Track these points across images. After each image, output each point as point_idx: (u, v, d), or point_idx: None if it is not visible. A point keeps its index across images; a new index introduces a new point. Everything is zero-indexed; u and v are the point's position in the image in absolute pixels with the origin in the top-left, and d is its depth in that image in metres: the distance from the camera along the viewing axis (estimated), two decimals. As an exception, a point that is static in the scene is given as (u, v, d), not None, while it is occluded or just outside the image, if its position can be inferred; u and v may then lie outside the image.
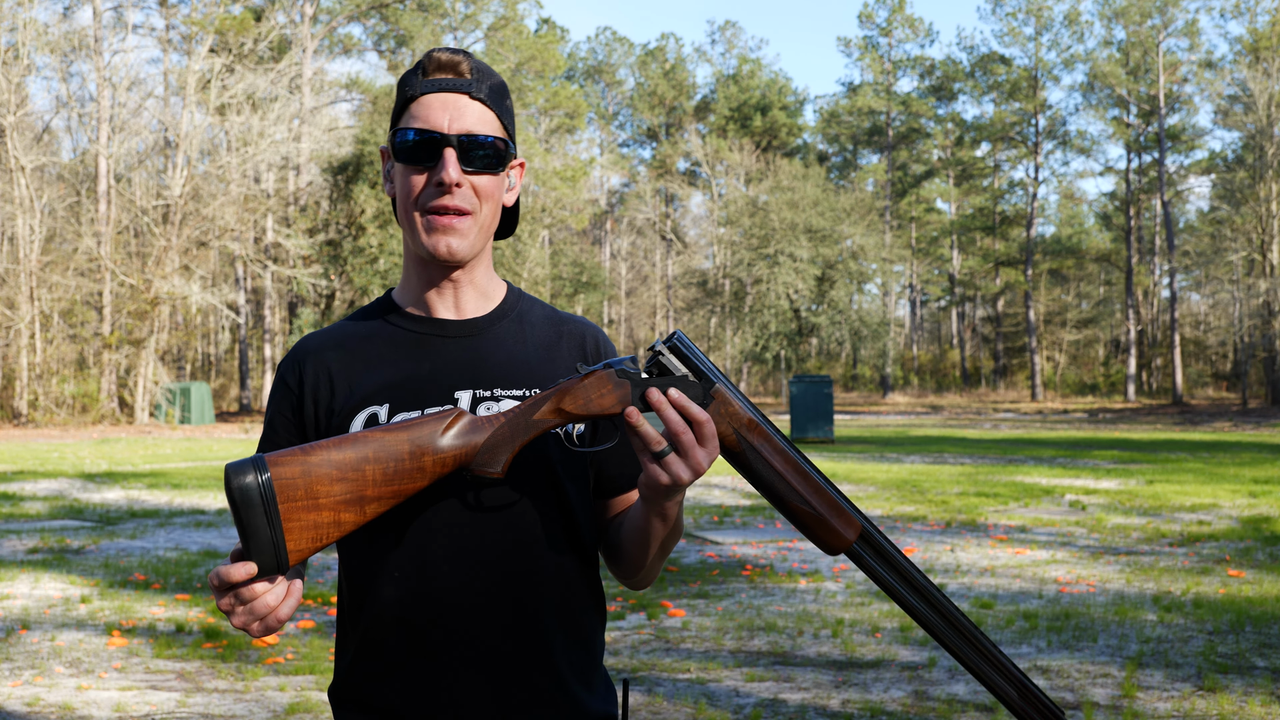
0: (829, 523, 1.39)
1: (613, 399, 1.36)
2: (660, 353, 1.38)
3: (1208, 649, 5.83)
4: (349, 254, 34.23)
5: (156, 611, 6.78)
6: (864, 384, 59.93)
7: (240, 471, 1.27)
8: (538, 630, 1.49)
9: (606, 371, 1.37)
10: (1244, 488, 13.87)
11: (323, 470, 1.29)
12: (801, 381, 23.80)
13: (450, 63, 1.50)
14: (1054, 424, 34.00)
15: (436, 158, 1.48)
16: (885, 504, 12.46)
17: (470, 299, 1.58)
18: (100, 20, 36.83)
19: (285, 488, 1.27)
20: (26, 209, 32.95)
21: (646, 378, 1.37)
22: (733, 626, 6.38)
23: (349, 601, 1.56)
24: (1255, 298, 43.03)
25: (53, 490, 14.00)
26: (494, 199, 1.53)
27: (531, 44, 52.45)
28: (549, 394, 1.38)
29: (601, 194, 63.05)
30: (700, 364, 1.38)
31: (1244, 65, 46.31)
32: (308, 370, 1.57)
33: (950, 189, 60.69)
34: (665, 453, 1.34)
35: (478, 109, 1.50)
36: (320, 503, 1.29)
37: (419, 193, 1.50)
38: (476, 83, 1.51)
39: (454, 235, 1.50)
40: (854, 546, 1.40)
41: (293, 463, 1.28)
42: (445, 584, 1.47)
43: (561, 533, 1.53)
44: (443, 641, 1.47)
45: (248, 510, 1.26)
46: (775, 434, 1.39)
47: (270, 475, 1.27)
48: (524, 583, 1.49)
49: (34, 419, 31.69)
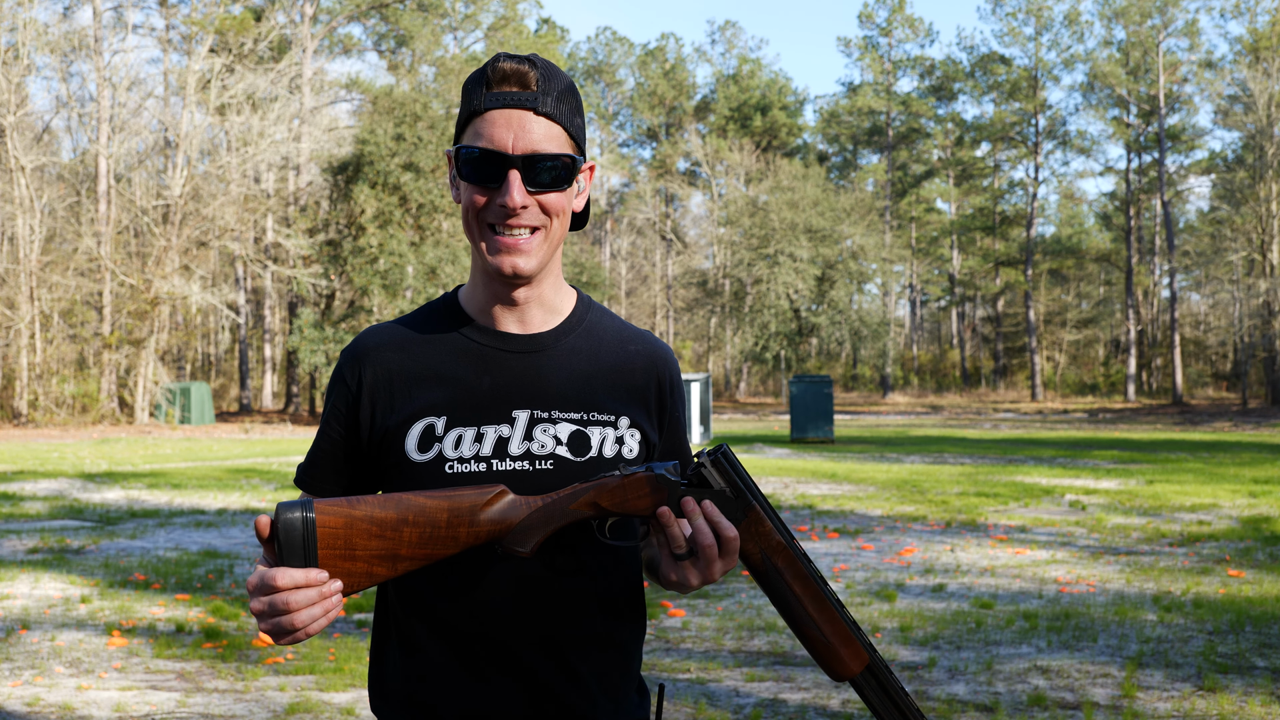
0: (838, 651, 1.44)
1: (648, 502, 1.40)
2: (703, 464, 1.41)
3: (1208, 649, 5.83)
4: (349, 254, 34.22)
5: (156, 611, 6.78)
6: (864, 384, 59.93)
7: (289, 509, 1.34)
8: (573, 650, 1.52)
9: (647, 475, 1.40)
10: (1244, 488, 13.87)
11: (364, 525, 1.36)
12: (801, 381, 23.80)
13: (516, 74, 1.45)
14: (1054, 424, 34.00)
15: (501, 179, 1.45)
16: (885, 504, 12.46)
17: (537, 313, 1.56)
18: (100, 20, 36.83)
19: (326, 535, 1.34)
20: (26, 209, 32.95)
21: (685, 486, 1.41)
22: (733, 626, 6.38)
23: (395, 601, 1.57)
24: (1255, 298, 43.03)
25: (53, 490, 14.00)
26: (562, 213, 1.50)
27: (531, 44, 52.43)
28: (587, 487, 1.42)
29: (601, 194, 63.04)
30: (741, 481, 1.41)
31: (1244, 65, 46.31)
32: (367, 371, 1.56)
33: (950, 189, 60.69)
34: (683, 557, 1.38)
35: (543, 126, 1.45)
36: (356, 554, 1.36)
37: (483, 210, 1.48)
38: (543, 95, 1.45)
39: (520, 255, 1.48)
40: (858, 677, 1.45)
41: (338, 514, 1.35)
42: (496, 599, 1.50)
43: (609, 554, 1.55)
44: (485, 655, 1.51)
45: (289, 549, 1.33)
46: (801, 558, 1.43)
47: (315, 519, 1.34)
48: (566, 603, 1.52)
49: (34, 419, 31.69)
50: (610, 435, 1.54)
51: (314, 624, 1.32)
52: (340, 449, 1.58)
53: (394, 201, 33.80)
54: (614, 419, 1.55)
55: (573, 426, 1.52)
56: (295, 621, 1.30)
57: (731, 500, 1.40)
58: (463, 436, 1.51)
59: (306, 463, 1.62)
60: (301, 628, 1.31)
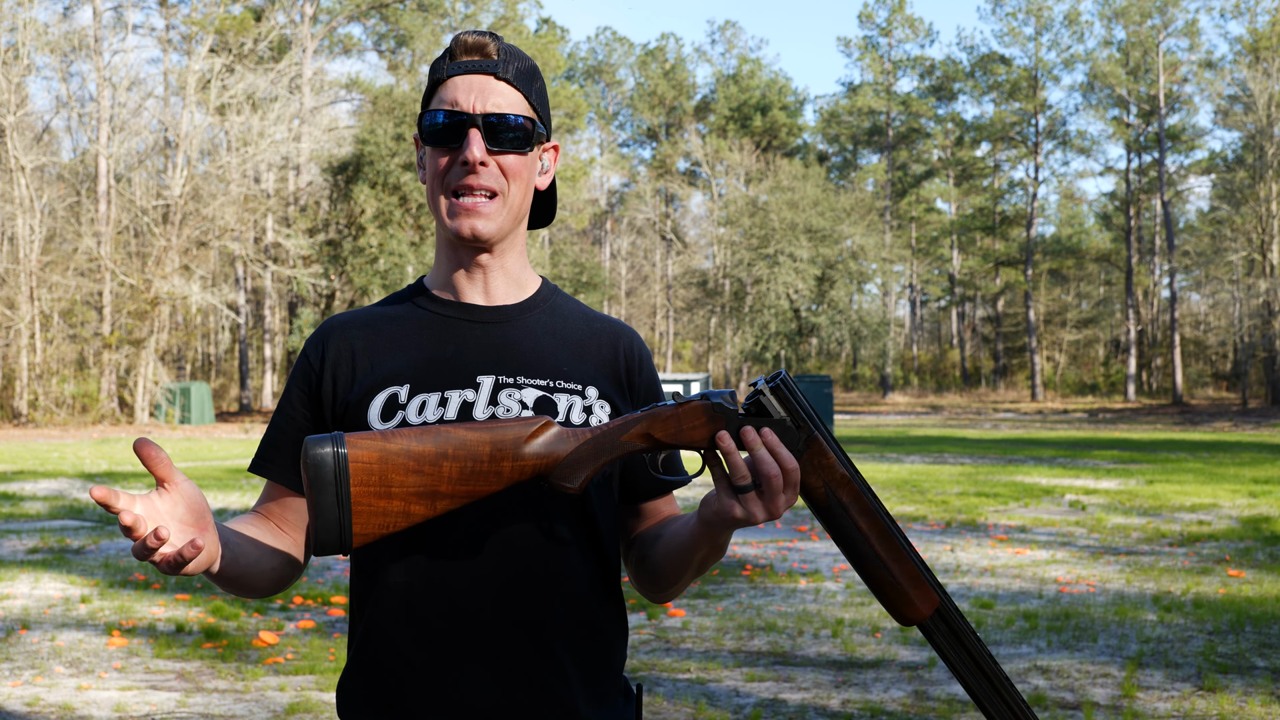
0: (907, 593, 1.35)
1: (705, 432, 1.32)
2: (761, 392, 1.33)
3: (1208, 649, 5.83)
4: (349, 254, 34.23)
5: (156, 611, 6.78)
6: (864, 384, 59.92)
7: (318, 444, 1.25)
8: (551, 633, 1.46)
9: (703, 403, 1.33)
10: (1244, 488, 13.87)
11: (400, 460, 1.27)
12: (801, 381, 23.81)
13: (477, 45, 1.50)
14: (1054, 424, 33.99)
15: (462, 138, 1.47)
16: (885, 504, 12.44)
17: (501, 285, 1.56)
18: (100, 20, 36.83)
19: (360, 471, 1.26)
20: (26, 209, 32.94)
21: (743, 415, 1.33)
22: (733, 626, 6.38)
23: (358, 586, 1.53)
24: (1255, 298, 43.02)
25: (53, 490, 14.00)
26: (522, 179, 1.51)
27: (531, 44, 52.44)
28: (639, 417, 1.34)
29: (601, 194, 63.04)
30: (802, 410, 1.34)
31: (1244, 65, 46.31)
32: (330, 347, 1.55)
33: (950, 189, 60.68)
34: (748, 489, 1.30)
35: (504, 89, 1.49)
36: (393, 491, 1.27)
37: (445, 173, 1.49)
38: (503, 63, 1.50)
39: (479, 218, 1.48)
40: (927, 621, 1.37)
41: (372, 447, 1.26)
42: (457, 576, 1.44)
43: (585, 537, 1.50)
44: (448, 634, 1.44)
45: (319, 486, 1.24)
46: (867, 493, 1.35)
47: (347, 453, 1.25)
48: (540, 583, 1.46)
49: (34, 419, 31.69)
50: (578, 403, 1.51)
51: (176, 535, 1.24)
52: (304, 430, 1.54)
53: (394, 201, 33.80)
54: (581, 388, 1.52)
55: (538, 393, 1.49)
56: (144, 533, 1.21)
57: (793, 430, 1.32)
58: (426, 402, 1.48)
59: (264, 446, 1.57)
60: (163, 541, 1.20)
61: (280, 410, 1.58)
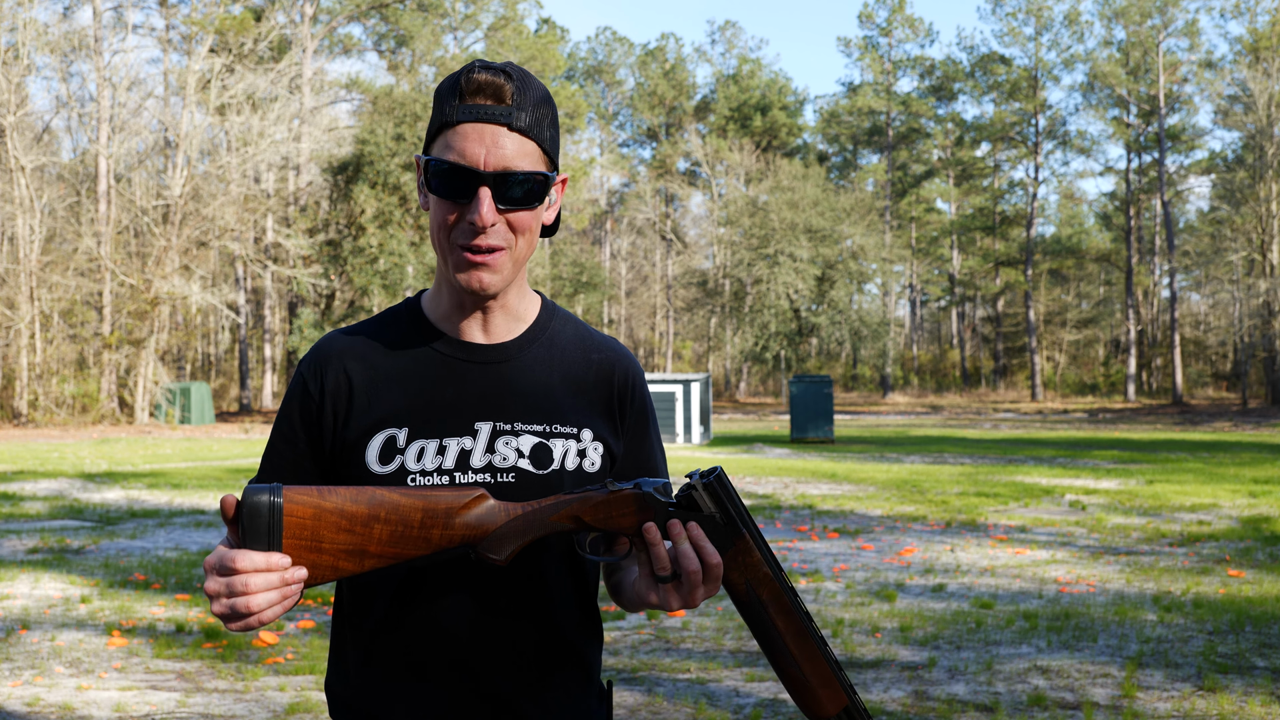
0: (815, 691, 1.38)
1: (633, 521, 1.36)
2: (694, 487, 1.36)
3: (1208, 649, 5.83)
4: (349, 254, 34.23)
5: (156, 611, 6.78)
6: (864, 384, 59.92)
7: (257, 494, 1.28)
8: (532, 666, 1.51)
9: (634, 493, 1.36)
10: (1244, 488, 13.87)
11: (333, 519, 1.31)
12: (801, 381, 23.80)
13: (490, 86, 1.41)
14: (1054, 424, 33.99)
15: (470, 195, 1.42)
16: (885, 504, 12.46)
17: (500, 322, 1.55)
18: (100, 20, 36.84)
19: (294, 525, 1.29)
20: (26, 209, 32.95)
21: (673, 509, 1.36)
22: (733, 626, 6.38)
23: (350, 609, 1.55)
24: (1255, 298, 43.03)
25: (53, 490, 14.00)
26: (530, 231, 1.47)
27: (531, 44, 52.43)
28: (570, 499, 1.37)
29: (601, 194, 63.05)
30: (732, 508, 1.36)
31: (1244, 65, 46.31)
32: (328, 378, 1.53)
33: (950, 189, 60.69)
34: (667, 579, 1.34)
35: (516, 142, 1.42)
36: (323, 547, 1.31)
37: (452, 226, 1.45)
38: (517, 110, 1.42)
39: (487, 272, 1.46)
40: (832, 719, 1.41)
41: (308, 503, 1.30)
42: (448, 611, 1.48)
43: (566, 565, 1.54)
44: (442, 668, 1.49)
45: (253, 535, 1.27)
46: (788, 592, 1.38)
47: (282, 506, 1.29)
48: (526, 618, 1.50)
49: (34, 419, 31.69)
50: (573, 448, 1.52)
51: (269, 610, 1.26)
52: (306, 459, 1.53)
53: (394, 201, 33.80)
54: (577, 431, 1.54)
55: (535, 439, 1.50)
56: (250, 605, 1.24)
57: (720, 527, 1.35)
58: (425, 449, 1.48)
59: (265, 467, 1.56)
60: (256, 613, 1.25)
61: (279, 432, 1.56)
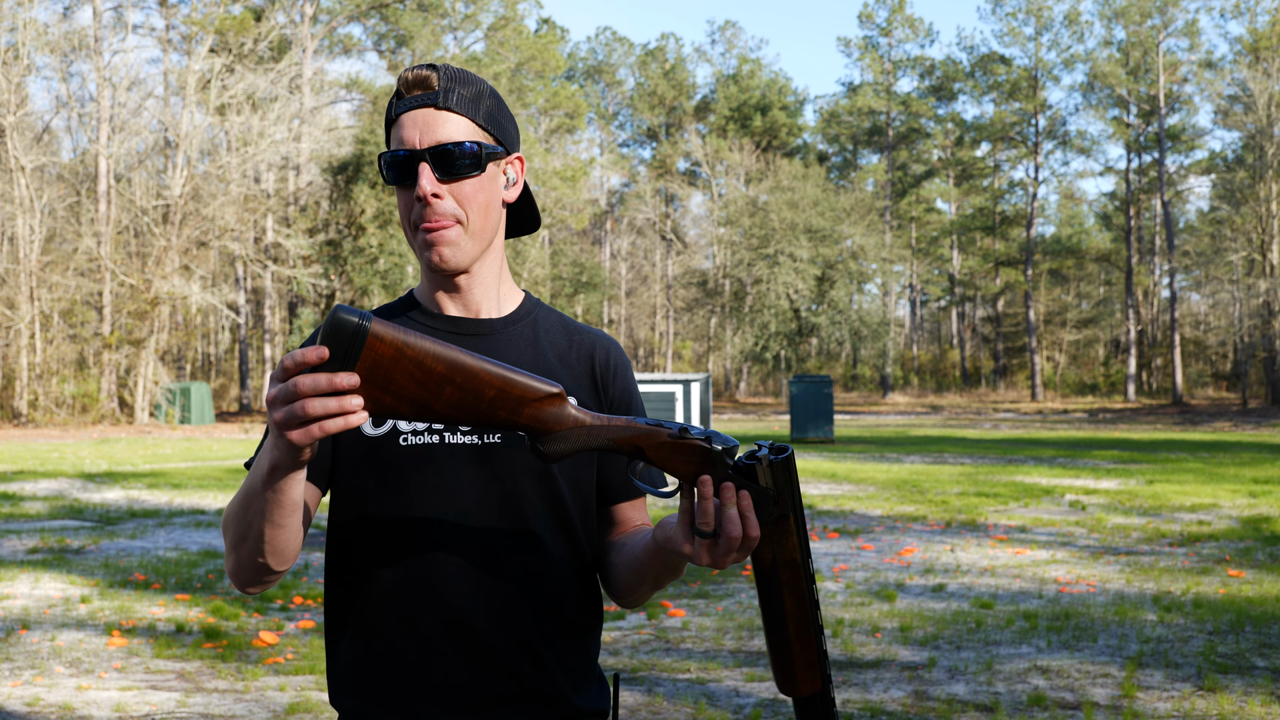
0: (796, 672, 1.40)
1: (692, 470, 1.35)
2: (759, 461, 1.36)
3: (1208, 649, 5.83)
4: (349, 254, 34.24)
5: (156, 611, 6.78)
6: (864, 384, 59.92)
7: (348, 314, 1.24)
8: (531, 626, 1.53)
9: (703, 445, 1.35)
10: (1244, 488, 13.87)
11: (410, 366, 1.27)
12: (801, 381, 23.80)
13: (418, 80, 1.54)
14: (1054, 424, 33.99)
15: (413, 175, 1.52)
16: (885, 504, 12.45)
17: (483, 301, 1.61)
18: (100, 20, 36.84)
19: (370, 356, 1.24)
20: (26, 209, 32.95)
21: (733, 472, 1.36)
22: (733, 626, 6.38)
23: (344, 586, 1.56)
24: (1255, 298, 43.03)
25: (53, 490, 14.00)
26: (479, 202, 1.54)
27: (531, 44, 52.44)
28: (641, 431, 1.36)
29: (601, 194, 63.04)
30: (790, 489, 1.37)
31: (1244, 65, 46.31)
32: None
33: (950, 189, 60.69)
34: (705, 535, 1.34)
35: (449, 118, 1.53)
36: (390, 388, 1.27)
37: (410, 210, 1.55)
38: (445, 92, 1.53)
39: (445, 245, 1.53)
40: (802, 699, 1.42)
41: (393, 342, 1.25)
42: (440, 574, 1.50)
43: (562, 534, 1.56)
44: (434, 628, 1.50)
45: (331, 349, 1.23)
46: (807, 580, 1.40)
47: (369, 333, 1.24)
48: (521, 578, 1.52)
49: (34, 419, 31.69)
50: None
51: (328, 420, 1.22)
52: None
53: (394, 202, 33.79)
54: None
55: None
56: (307, 409, 1.21)
57: (770, 504, 1.36)
58: None
59: None
60: (314, 418, 1.21)
61: None
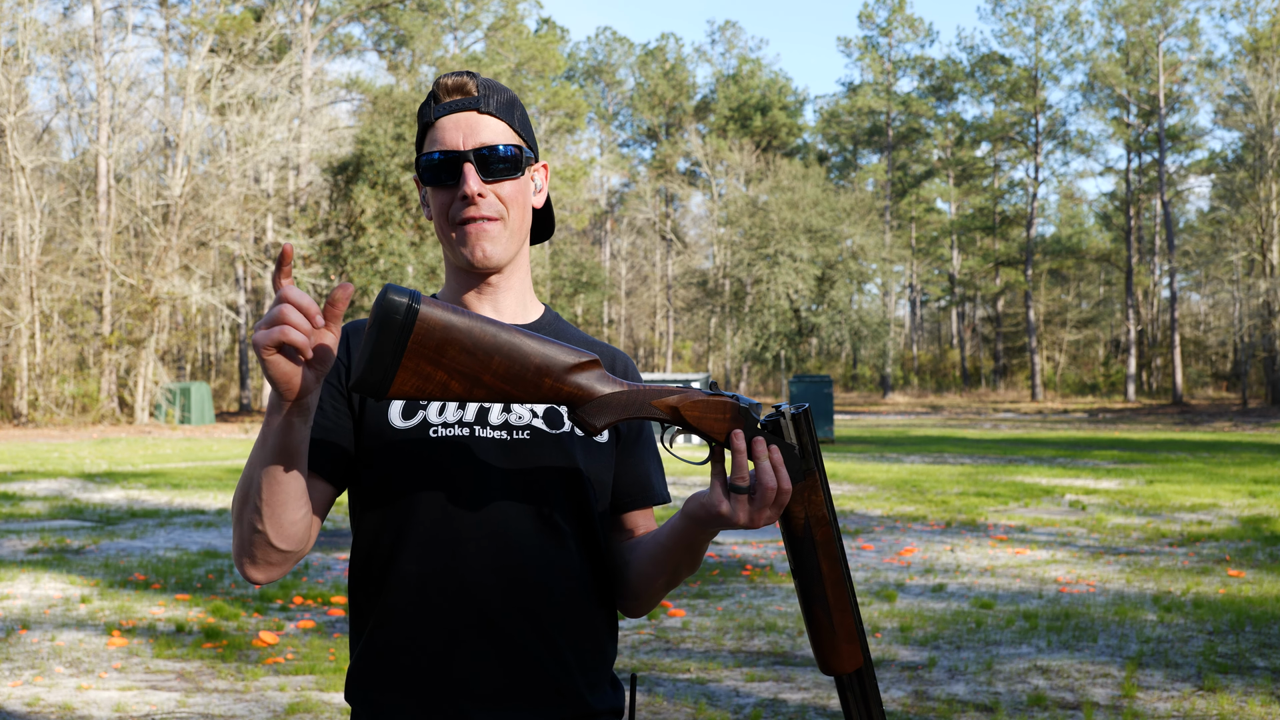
0: (839, 645, 1.41)
1: (724, 427, 1.39)
2: (783, 414, 1.40)
3: (1208, 649, 5.83)
4: (349, 254, 34.22)
5: (156, 611, 6.78)
6: (864, 384, 59.92)
7: (398, 293, 1.29)
8: (553, 622, 1.54)
9: (732, 401, 1.40)
10: (1244, 488, 13.87)
11: (460, 337, 1.32)
12: (801, 381, 23.80)
13: (458, 85, 1.60)
14: (1054, 424, 33.99)
15: (458, 175, 1.57)
16: (885, 504, 12.46)
17: (509, 305, 1.65)
18: (100, 20, 36.83)
19: (422, 331, 1.30)
20: (26, 209, 32.94)
21: (761, 427, 1.40)
22: (733, 626, 6.38)
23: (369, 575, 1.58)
24: (1255, 298, 43.03)
25: (53, 490, 14.00)
26: (519, 203, 1.62)
27: (531, 44, 52.45)
28: (674, 390, 1.41)
29: (601, 194, 63.05)
30: (811, 445, 1.41)
31: (1244, 65, 46.31)
32: (354, 346, 1.62)
33: (950, 189, 60.69)
34: (742, 491, 1.37)
35: (490, 122, 1.59)
36: (442, 361, 1.31)
37: (449, 209, 1.59)
38: (485, 98, 1.60)
39: (486, 240, 1.58)
40: (844, 677, 1.43)
41: (442, 317, 1.31)
42: (465, 565, 1.52)
43: (585, 532, 1.59)
44: (457, 619, 1.52)
45: (385, 328, 1.28)
46: (838, 540, 1.42)
47: (419, 311, 1.29)
48: (541, 574, 1.54)
49: (34, 419, 31.69)
50: None
51: (298, 336, 1.27)
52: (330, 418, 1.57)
53: (394, 201, 33.80)
54: None
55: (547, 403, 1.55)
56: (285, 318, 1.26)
57: (797, 458, 1.40)
58: (445, 405, 1.56)
59: None
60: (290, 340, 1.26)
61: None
